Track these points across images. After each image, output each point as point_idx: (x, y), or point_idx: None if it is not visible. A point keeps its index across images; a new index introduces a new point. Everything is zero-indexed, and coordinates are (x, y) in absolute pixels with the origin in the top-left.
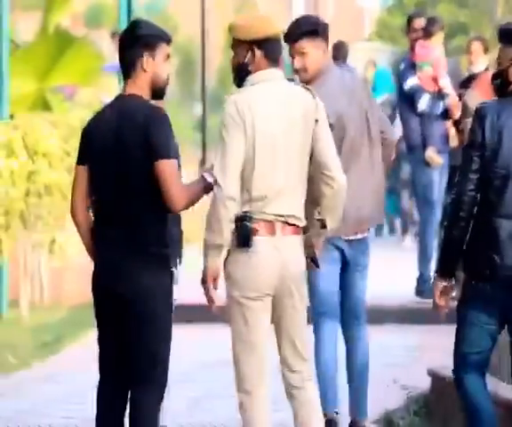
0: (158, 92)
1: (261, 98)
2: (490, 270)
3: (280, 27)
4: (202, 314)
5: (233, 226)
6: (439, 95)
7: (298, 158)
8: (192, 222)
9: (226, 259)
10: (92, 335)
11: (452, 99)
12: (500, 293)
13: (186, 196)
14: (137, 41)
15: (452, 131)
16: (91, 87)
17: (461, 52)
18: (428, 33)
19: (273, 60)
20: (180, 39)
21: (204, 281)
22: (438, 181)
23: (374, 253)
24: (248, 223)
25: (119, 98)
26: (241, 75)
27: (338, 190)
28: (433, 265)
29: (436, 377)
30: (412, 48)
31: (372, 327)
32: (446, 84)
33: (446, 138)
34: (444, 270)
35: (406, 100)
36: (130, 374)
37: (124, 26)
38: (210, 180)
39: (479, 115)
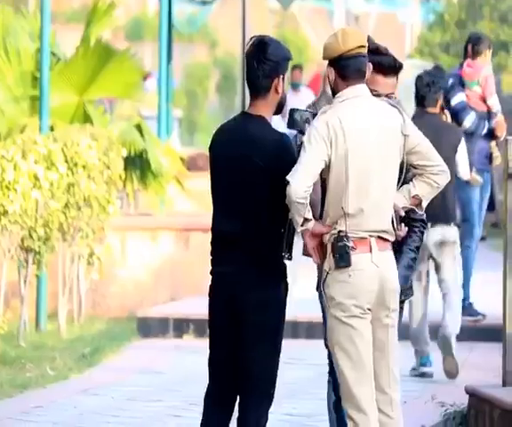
0: (281, 109)
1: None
2: None
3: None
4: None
5: (329, 247)
6: (487, 115)
7: (392, 173)
8: None
9: (324, 281)
10: (129, 348)
11: (500, 118)
12: None
13: None
14: (272, 63)
15: (496, 150)
16: (131, 100)
17: (502, 69)
18: (474, 52)
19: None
20: (219, 54)
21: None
22: (479, 200)
23: None
24: (346, 242)
25: (245, 116)
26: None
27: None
28: (472, 283)
29: (473, 395)
30: (462, 65)
31: (409, 343)
32: (495, 103)
33: (488, 157)
34: None
35: (452, 117)
36: (240, 382)
37: (164, 39)
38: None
39: None
